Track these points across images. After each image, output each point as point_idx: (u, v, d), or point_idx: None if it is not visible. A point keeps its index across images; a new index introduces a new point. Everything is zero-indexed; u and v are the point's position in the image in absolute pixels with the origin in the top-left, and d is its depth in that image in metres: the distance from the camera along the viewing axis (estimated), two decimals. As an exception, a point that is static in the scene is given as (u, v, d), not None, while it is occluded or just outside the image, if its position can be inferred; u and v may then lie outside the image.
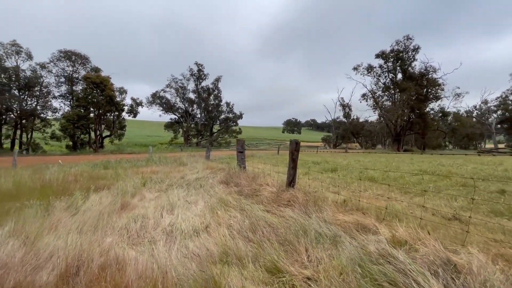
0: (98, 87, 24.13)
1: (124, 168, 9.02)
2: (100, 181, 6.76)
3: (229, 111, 59.49)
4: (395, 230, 2.14)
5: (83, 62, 28.18)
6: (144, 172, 8.14)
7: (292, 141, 3.93)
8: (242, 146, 6.75)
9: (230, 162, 13.03)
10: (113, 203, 4.53)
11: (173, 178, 7.09)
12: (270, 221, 2.83)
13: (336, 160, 11.67)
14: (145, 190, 5.83)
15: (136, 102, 32.70)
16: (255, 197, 4.10)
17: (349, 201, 3.60)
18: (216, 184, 5.55)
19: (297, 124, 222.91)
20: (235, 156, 17.29)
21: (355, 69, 40.38)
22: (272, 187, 4.40)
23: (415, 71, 35.63)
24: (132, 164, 10.49)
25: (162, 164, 10.12)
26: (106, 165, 9.88)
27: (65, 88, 27.37)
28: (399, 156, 16.73)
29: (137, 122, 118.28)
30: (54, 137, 27.69)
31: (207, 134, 56.77)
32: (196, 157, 13.23)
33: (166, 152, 26.23)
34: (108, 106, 25.27)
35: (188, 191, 5.54)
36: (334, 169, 8.15)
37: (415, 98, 32.96)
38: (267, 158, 14.99)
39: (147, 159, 11.89)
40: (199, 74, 55.77)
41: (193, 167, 9.66)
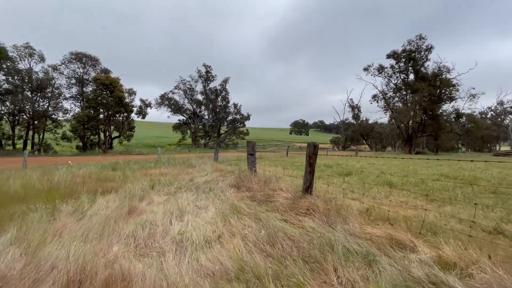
0: (108, 88, 24.35)
1: (133, 170, 8.91)
2: (107, 183, 6.63)
3: (237, 112, 59.46)
4: (439, 248, 1.85)
5: (93, 64, 28.55)
6: (153, 174, 8.00)
7: (310, 144, 3.66)
8: (253, 148, 6.51)
9: (239, 164, 12.81)
10: (121, 207, 4.36)
11: (181, 181, 6.91)
12: (289, 233, 2.57)
13: (348, 163, 11.31)
14: (153, 193, 5.65)
15: (145, 103, 32.93)
16: (269, 203, 3.85)
17: (373, 209, 3.30)
18: (227, 188, 5.32)
19: (305, 126, 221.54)
20: (244, 158, 17.06)
21: (365, 69, 39.61)
22: (287, 192, 4.14)
23: (428, 71, 34.62)
24: (140, 165, 10.39)
25: (170, 166, 9.98)
26: (114, 167, 9.80)
27: (75, 90, 27.81)
28: (413, 159, 16.14)
29: (145, 123, 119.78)
30: (64, 138, 28.08)
31: (215, 135, 56.84)
32: (205, 158, 13.07)
33: (174, 153, 26.27)
34: (117, 107, 25.45)
35: (198, 195, 5.33)
36: (348, 172, 7.82)
37: (428, 99, 31.98)
38: (276, 160, 14.71)
39: (156, 160, 11.79)
40: (207, 75, 55.98)
41: (201, 169, 9.48)
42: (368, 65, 39.31)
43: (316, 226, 2.68)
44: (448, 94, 33.79)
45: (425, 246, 1.95)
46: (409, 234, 2.20)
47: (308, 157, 3.71)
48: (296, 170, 8.82)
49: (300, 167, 11.19)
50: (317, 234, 2.44)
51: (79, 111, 26.34)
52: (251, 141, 6.57)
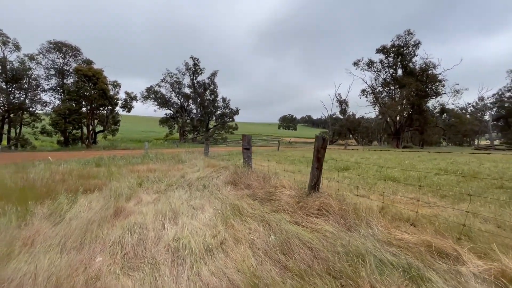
0: (90, 80, 23.05)
1: (118, 166, 8.33)
2: (90, 180, 6.09)
3: (225, 106, 58.56)
4: (492, 259, 1.57)
5: (74, 54, 26.95)
6: (140, 171, 7.48)
7: (319, 137, 3.33)
8: (249, 142, 6.13)
9: (232, 159, 12.39)
10: (105, 208, 3.89)
11: (172, 177, 6.45)
12: (304, 238, 2.23)
13: (342, 157, 11.15)
14: (141, 191, 5.19)
15: (131, 97, 31.58)
16: (272, 202, 3.51)
17: (387, 208, 3.02)
18: (223, 185, 4.94)
19: (293, 120, 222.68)
20: (235, 153, 16.64)
21: (355, 64, 39.84)
22: (290, 190, 3.81)
23: (415, 66, 35.20)
24: (126, 161, 9.79)
25: (159, 161, 9.45)
26: (98, 162, 9.17)
27: (55, 81, 26.19)
28: (405, 153, 16.28)
29: (131, 118, 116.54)
30: (44, 132, 26.55)
31: (203, 130, 55.90)
32: (195, 153, 12.56)
33: (161, 148, 25.46)
34: (101, 100, 24.18)
35: (191, 193, 4.92)
36: (345, 167, 7.59)
37: (415, 94, 32.55)
38: (268, 155, 14.40)
39: (143, 155, 11.19)
40: (195, 68, 54.64)
41: (192, 164, 9.01)
42: (358, 60, 39.68)
43: (333, 230, 2.35)
44: (434, 89, 34.53)
45: (472, 256, 1.67)
46: (450, 240, 1.91)
47: (316, 151, 3.38)
48: (292, 165, 8.54)
49: (295, 161, 10.92)
50: (338, 240, 2.11)
51: (60, 104, 24.88)
52: (246, 135, 6.19)
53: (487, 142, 78.03)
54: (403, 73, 35.91)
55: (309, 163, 9.63)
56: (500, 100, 45.58)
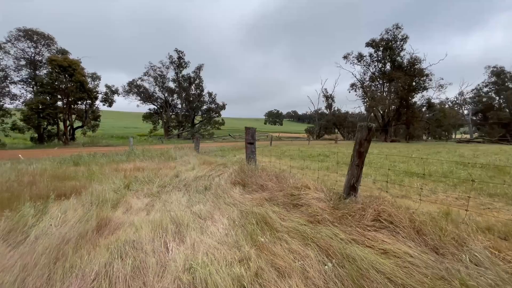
0: (66, 71, 21.12)
1: (100, 164, 7.34)
2: (67, 182, 5.14)
3: (212, 101, 57.19)
4: None
5: (47, 43, 24.68)
6: (126, 170, 6.55)
7: (362, 126, 2.64)
8: (253, 136, 5.39)
9: (225, 155, 11.59)
10: (85, 219, 3.04)
11: (164, 177, 5.61)
12: (383, 269, 1.55)
13: (343, 151, 10.64)
14: (130, 194, 4.34)
15: (112, 90, 29.55)
16: (300, 208, 2.81)
17: (451, 214, 2.41)
18: (228, 186, 4.18)
19: (279, 116, 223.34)
20: (226, 148, 15.81)
21: (345, 57, 39.72)
22: (317, 191, 3.13)
23: (403, 61, 35.51)
24: (109, 158, 8.76)
25: (146, 159, 8.51)
26: (76, 161, 8.09)
27: (26, 73, 23.94)
28: (398, 147, 16.14)
29: (113, 113, 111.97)
30: (15, 129, 24.35)
31: (189, 126, 54.32)
32: (185, 149, 11.65)
33: (146, 144, 24.10)
34: (79, 93, 22.30)
35: (190, 195, 4.13)
36: None
37: (404, 88, 32.88)
38: (263, 150, 13.70)
39: (128, 152, 10.16)
40: (179, 61, 52.80)
41: (185, 162, 8.15)
42: (348, 53, 39.39)
43: (415, 252, 1.69)
44: (421, 83, 35.02)
45: None
46: None
47: (358, 144, 2.70)
48: (294, 161, 7.89)
49: (295, 156, 10.27)
50: (432, 270, 1.44)
51: (32, 97, 22.78)
52: (250, 128, 5.44)
53: (462, 136, 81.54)
54: (392, 67, 36.13)
55: (312, 158, 9.00)
56: (478, 95, 47.30)
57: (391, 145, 23.08)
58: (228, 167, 6.30)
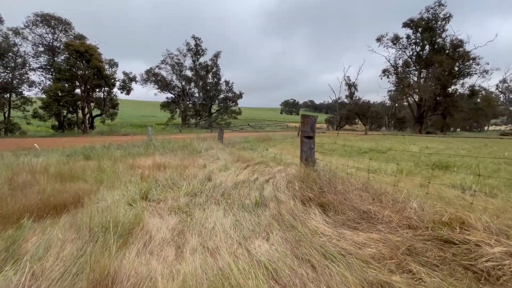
0: (83, 56, 20.31)
1: (114, 159, 6.17)
2: (70, 185, 3.96)
3: (229, 90, 55.86)
4: None
5: (64, 28, 23.97)
6: (144, 167, 5.32)
7: None
8: (313, 127, 3.92)
9: (255, 148, 10.22)
10: (74, 270, 1.76)
11: (192, 179, 4.30)
12: None
13: (396, 147, 8.94)
14: (150, 209, 3.05)
15: (129, 77, 28.72)
16: (489, 279, 1.33)
17: None
18: (296, 205, 2.76)
19: (295, 105, 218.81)
20: (251, 139, 14.41)
21: (378, 40, 36.26)
22: (488, 232, 1.64)
23: (446, 43, 31.97)
24: (125, 151, 7.62)
25: (167, 152, 7.27)
26: (88, 154, 6.99)
27: (45, 59, 23.49)
28: (448, 141, 14.08)
29: (131, 102, 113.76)
30: (36, 116, 24.21)
31: (206, 115, 53.50)
32: (208, 140, 10.38)
33: (164, 133, 23.24)
34: (96, 80, 21.54)
35: (235, 215, 2.77)
36: (443, 164, 5.38)
37: (447, 73, 29.47)
38: (293, 142, 12.18)
39: (146, 143, 9.00)
40: (196, 49, 51.47)
41: (213, 156, 6.84)
42: (382, 35, 35.97)
43: None
44: (466, 68, 31.35)
45: None
46: None
47: None
48: (353, 159, 6.33)
49: (339, 151, 8.62)
50: None
51: (51, 84, 22.34)
52: (310, 116, 3.96)
53: (494, 127, 74.45)
54: (431, 50, 32.49)
55: (366, 154, 7.36)
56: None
57: (433, 139, 20.79)
58: (272, 167, 4.90)
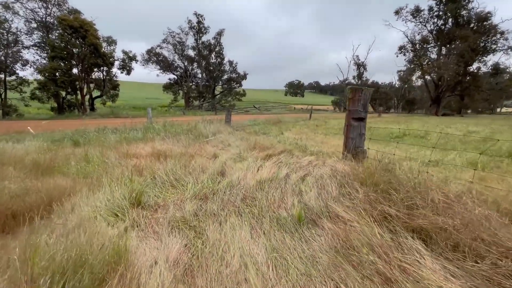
0: (78, 32, 18.86)
1: (107, 146, 5.20)
2: (47, 180, 3.02)
3: (232, 70, 53.71)
4: None
5: (58, 2, 22.34)
6: (141, 156, 4.34)
7: None
8: (365, 105, 2.85)
9: (268, 132, 9.18)
10: None
11: (200, 174, 3.32)
12: None
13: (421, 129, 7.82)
14: (141, 228, 2.10)
15: (129, 56, 27.14)
16: None
17: None
18: (367, 221, 1.76)
19: (300, 87, 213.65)
20: (260, 122, 13.31)
21: (396, 12, 33.41)
22: None
23: (471, 15, 29.10)
24: (121, 135, 6.63)
25: (169, 137, 6.27)
26: (77, 139, 6.03)
27: (38, 36, 22.10)
28: (480, 123, 12.83)
29: (133, 84, 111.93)
30: (34, 98, 23.21)
31: (209, 96, 51.92)
32: (215, 123, 9.34)
33: (166, 115, 22.18)
34: (93, 58, 20.20)
35: (270, 239, 1.82)
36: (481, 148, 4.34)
37: (472, 49, 27.05)
38: (307, 126, 11.10)
39: (145, 127, 7.97)
40: (199, 27, 48.88)
41: (222, 142, 5.84)
42: (400, 8, 33.01)
43: None
44: (493, 44, 28.69)
45: None
46: None
47: None
48: (393, 146, 5.28)
49: (373, 136, 7.47)
50: None
51: (46, 63, 21.12)
52: (361, 89, 2.87)
53: (506, 109, 71.18)
54: (454, 24, 29.71)
55: (408, 139, 6.24)
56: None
57: (454, 120, 19.47)
58: (300, 158, 3.89)
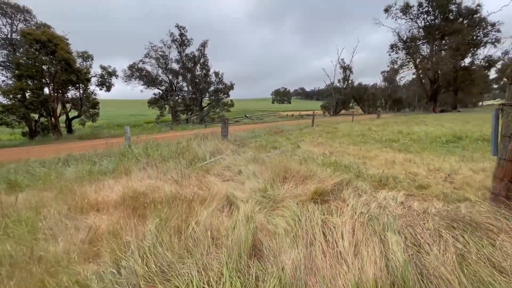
0: (46, 47, 16.91)
1: (58, 188, 3.37)
2: None
3: (219, 81, 52.17)
4: None
5: (24, 17, 20.37)
6: (104, 205, 2.58)
7: None
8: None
9: (278, 145, 7.52)
10: None
11: (212, 260, 1.65)
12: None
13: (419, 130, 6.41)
14: None
15: (108, 71, 25.09)
16: None
17: None
18: None
19: (286, 94, 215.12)
20: (260, 132, 11.67)
21: (386, 10, 33.19)
22: None
23: (461, 9, 28.81)
24: (86, 166, 4.80)
25: (152, 164, 4.49)
26: (15, 180, 4.14)
27: (3, 55, 19.91)
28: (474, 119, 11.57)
29: (117, 101, 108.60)
30: (2, 123, 20.76)
31: (197, 109, 50.07)
32: (210, 139, 7.62)
33: (153, 132, 20.21)
34: (66, 75, 18.14)
35: None
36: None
37: (467, 43, 26.71)
38: (322, 135, 9.51)
39: (121, 152, 6.10)
40: (181, 39, 47.26)
41: (229, 168, 4.11)
42: (389, 5, 32.82)
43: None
44: (485, 36, 28.49)
45: None
46: None
47: None
48: (429, 155, 3.73)
49: (425, 141, 5.99)
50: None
51: (12, 83, 18.89)
52: None
53: (486, 102, 72.49)
54: (443, 19, 29.47)
55: (461, 144, 4.73)
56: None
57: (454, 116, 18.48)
58: (376, 195, 2.28)
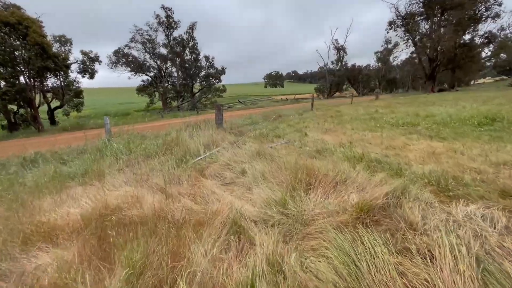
0: (16, 30, 15.27)
1: (8, 201, 2.52)
2: None
3: (210, 66, 50.12)
4: None
5: (-10, -2, 18.42)
6: (62, 232, 1.80)
7: None
8: None
9: (280, 133, 6.70)
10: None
11: None
12: None
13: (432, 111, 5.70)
14: None
15: (90, 57, 23.34)
16: None
17: None
18: None
19: (279, 77, 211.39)
20: (258, 119, 10.73)
21: None
22: None
23: None
24: (53, 168, 3.93)
25: (134, 164, 3.65)
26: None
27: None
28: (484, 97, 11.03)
29: (105, 90, 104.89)
30: (-23, 117, 19.32)
31: (188, 96, 48.37)
32: (203, 128, 6.76)
33: (142, 121, 19.06)
34: (41, 61, 16.60)
35: None
36: None
37: (468, 18, 25.56)
38: (327, 118, 8.71)
39: (98, 147, 5.18)
40: (168, 21, 44.61)
41: (228, 167, 3.29)
42: None
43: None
44: (486, 10, 27.25)
45: None
46: None
47: None
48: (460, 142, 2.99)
49: (453, 124, 5.31)
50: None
51: (-17, 73, 17.27)
52: None
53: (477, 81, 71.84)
54: None
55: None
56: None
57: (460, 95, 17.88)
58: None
